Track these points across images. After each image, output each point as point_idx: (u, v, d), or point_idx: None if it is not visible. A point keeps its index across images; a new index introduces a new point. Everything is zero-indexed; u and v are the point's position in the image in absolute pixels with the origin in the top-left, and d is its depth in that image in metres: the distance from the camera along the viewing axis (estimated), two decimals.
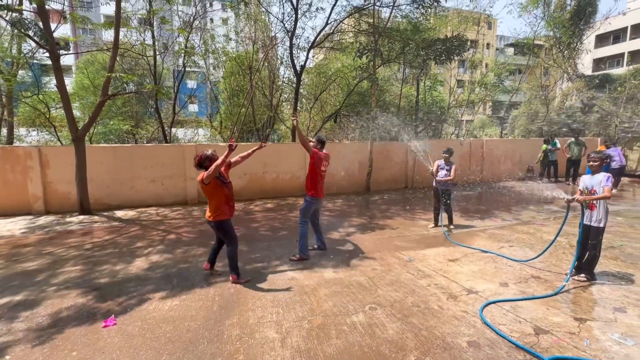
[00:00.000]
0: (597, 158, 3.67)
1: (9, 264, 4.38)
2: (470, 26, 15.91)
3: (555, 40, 14.59)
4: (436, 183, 5.78)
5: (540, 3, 13.72)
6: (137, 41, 9.44)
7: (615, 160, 9.86)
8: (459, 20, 15.15)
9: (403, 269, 4.08)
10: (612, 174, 10.27)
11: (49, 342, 2.60)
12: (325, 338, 2.63)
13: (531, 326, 2.78)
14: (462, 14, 15.54)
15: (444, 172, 5.73)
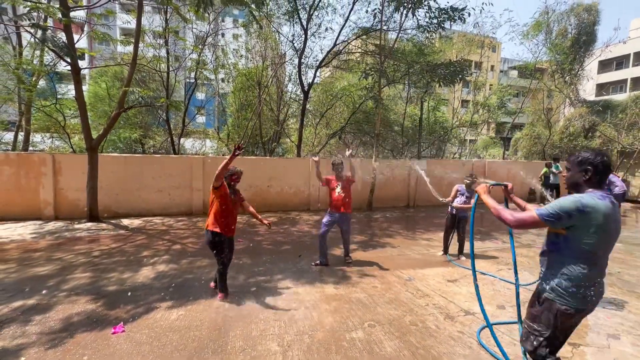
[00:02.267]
0: None
1: (21, 267, 4.53)
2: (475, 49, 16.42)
3: (557, 65, 14.96)
4: (452, 208, 5.34)
5: (543, 30, 14.16)
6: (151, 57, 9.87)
7: (617, 185, 9.98)
8: (464, 43, 15.64)
9: (402, 288, 4.18)
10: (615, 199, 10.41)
11: (61, 346, 2.73)
12: (325, 353, 2.73)
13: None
14: (467, 37, 16.06)
15: (463, 199, 5.24)
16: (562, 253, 1.81)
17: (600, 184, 1.80)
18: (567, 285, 1.77)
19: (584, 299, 1.76)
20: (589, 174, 1.79)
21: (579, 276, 1.75)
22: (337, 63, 11.87)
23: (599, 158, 1.79)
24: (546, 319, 1.84)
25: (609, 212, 1.70)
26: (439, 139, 14.03)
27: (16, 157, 7.63)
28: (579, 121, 14.26)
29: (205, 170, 8.87)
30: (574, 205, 1.69)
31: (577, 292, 1.75)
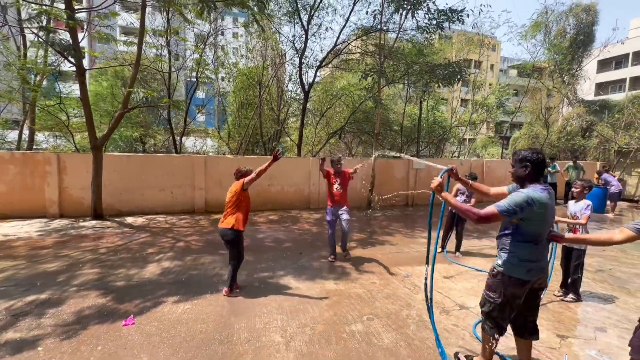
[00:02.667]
0: (578, 185, 3.97)
1: (31, 264, 4.68)
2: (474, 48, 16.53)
3: (555, 65, 15.09)
4: (451, 208, 5.57)
5: (541, 30, 14.28)
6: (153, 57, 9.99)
7: (613, 185, 10.18)
8: (464, 42, 15.74)
9: (400, 284, 4.34)
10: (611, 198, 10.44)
11: (76, 337, 2.88)
12: (326, 344, 2.88)
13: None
14: (467, 36, 16.16)
15: (463, 198, 5.39)
16: (513, 236, 2.19)
17: (538, 178, 2.16)
18: (516, 262, 2.17)
19: (529, 272, 2.16)
20: (528, 169, 2.15)
21: (526, 254, 2.15)
22: (337, 63, 11.98)
23: (535, 155, 2.16)
24: (499, 288, 2.23)
25: (548, 202, 2.09)
26: (438, 138, 14.17)
27: (21, 156, 7.76)
28: (576, 121, 14.40)
29: (207, 169, 9.01)
30: (524, 200, 2.03)
31: (524, 266, 2.15)
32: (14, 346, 2.72)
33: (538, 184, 2.14)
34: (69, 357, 2.59)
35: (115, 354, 2.65)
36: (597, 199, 10.27)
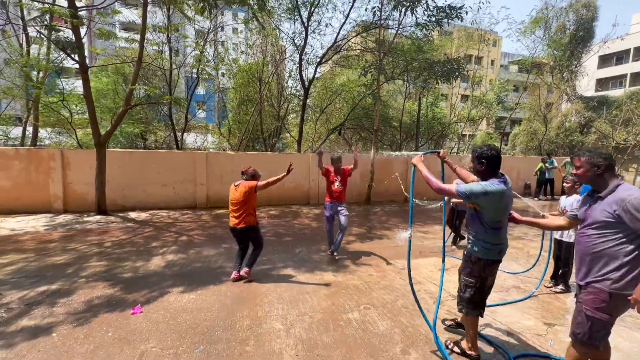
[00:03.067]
0: (569, 180, 4.10)
1: (39, 257, 4.84)
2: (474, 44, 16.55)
3: (554, 61, 15.14)
4: (453, 203, 5.56)
5: (541, 26, 14.30)
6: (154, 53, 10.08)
7: None
8: (464, 38, 15.75)
9: (397, 276, 4.50)
10: None
11: (87, 324, 3.04)
12: (324, 330, 3.05)
13: (505, 328, 3.19)
14: (467, 31, 16.17)
15: None
16: (479, 224, 2.49)
17: (494, 172, 2.42)
18: (489, 246, 2.46)
19: (500, 253, 2.50)
20: (484, 166, 2.42)
21: (495, 239, 2.46)
22: (337, 59, 12.05)
23: (490, 152, 2.41)
24: (476, 270, 2.52)
25: (505, 192, 2.37)
26: (437, 134, 14.28)
27: (26, 153, 7.91)
28: (575, 117, 14.48)
29: (208, 165, 9.16)
30: (480, 190, 2.34)
31: (496, 249, 2.47)
32: (30, 332, 2.89)
33: (495, 178, 2.40)
34: (82, 342, 2.76)
35: (125, 339, 2.82)
36: None
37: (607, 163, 2.04)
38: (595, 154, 2.09)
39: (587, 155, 2.10)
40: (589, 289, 2.06)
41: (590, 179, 2.09)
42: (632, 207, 1.86)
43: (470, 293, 2.56)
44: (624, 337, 3.07)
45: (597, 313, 2.00)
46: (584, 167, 2.10)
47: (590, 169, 2.07)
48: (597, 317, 2.01)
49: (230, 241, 5.90)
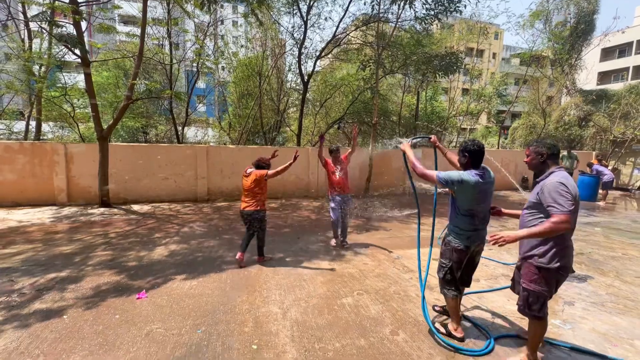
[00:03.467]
0: None
1: (47, 247, 5.04)
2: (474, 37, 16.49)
3: (555, 54, 15.12)
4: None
5: (542, 19, 14.26)
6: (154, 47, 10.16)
7: (606, 174, 10.44)
8: (466, 29, 15.67)
9: (391, 265, 4.68)
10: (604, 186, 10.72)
11: (95, 308, 3.23)
12: (318, 313, 3.23)
13: (490, 312, 3.37)
14: (468, 23, 16.10)
15: None
16: (453, 209, 2.71)
17: (475, 164, 2.61)
18: (459, 231, 2.67)
19: (468, 239, 2.65)
20: (466, 158, 2.63)
21: (465, 225, 2.64)
22: (336, 53, 12.09)
23: (472, 146, 2.60)
24: (448, 254, 2.74)
25: (478, 184, 2.53)
26: (436, 127, 14.35)
27: (30, 146, 8.06)
28: (574, 111, 14.53)
29: (209, 158, 9.31)
30: (457, 178, 2.55)
31: (465, 235, 2.64)
32: (42, 315, 3.08)
33: (474, 170, 2.61)
34: (91, 324, 2.95)
35: (132, 321, 3.01)
36: (589, 188, 10.57)
37: (550, 152, 2.32)
38: (541, 144, 2.36)
39: (534, 145, 2.38)
40: (525, 264, 2.39)
41: (535, 166, 2.40)
42: (546, 189, 2.18)
43: (442, 273, 2.81)
44: (603, 320, 3.25)
45: (531, 285, 2.35)
46: (531, 156, 2.40)
47: (535, 157, 2.36)
48: (531, 289, 2.35)
49: (231, 232, 6.09)
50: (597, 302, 3.63)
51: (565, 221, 2.07)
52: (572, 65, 15.06)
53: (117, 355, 2.51)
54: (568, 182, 2.17)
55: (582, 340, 2.88)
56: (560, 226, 2.07)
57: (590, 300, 3.70)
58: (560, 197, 2.11)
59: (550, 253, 2.26)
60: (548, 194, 2.16)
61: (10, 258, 4.54)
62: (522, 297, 2.45)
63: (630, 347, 2.81)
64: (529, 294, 2.37)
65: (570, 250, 2.33)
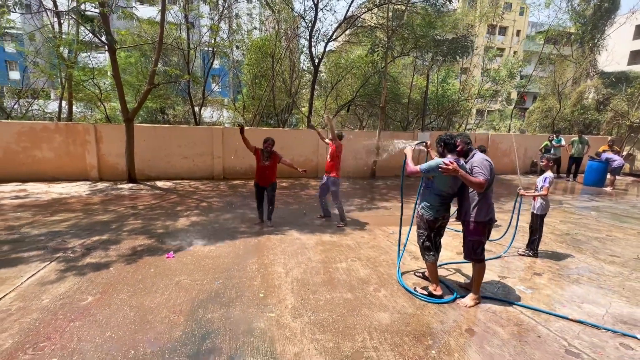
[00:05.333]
0: (545, 159, 4.61)
1: (87, 215, 5.87)
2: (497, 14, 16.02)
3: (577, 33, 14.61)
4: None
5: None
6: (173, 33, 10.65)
7: (615, 160, 10.45)
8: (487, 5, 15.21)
9: (385, 238, 5.25)
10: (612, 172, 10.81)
11: (134, 263, 3.98)
12: (316, 274, 3.87)
13: (464, 278, 3.91)
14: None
15: None
16: (429, 189, 3.29)
17: (451, 152, 3.17)
18: (429, 206, 3.27)
19: (437, 212, 3.25)
20: (441, 147, 3.24)
21: (435, 202, 3.24)
22: (347, 36, 12.23)
23: (446, 139, 3.19)
24: (423, 225, 3.34)
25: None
26: (447, 111, 14.41)
27: (64, 127, 8.91)
28: (593, 94, 14.21)
29: (224, 139, 9.95)
30: (435, 164, 3.05)
31: (434, 209, 3.24)
32: (93, 267, 3.85)
33: (451, 156, 3.13)
34: (133, 274, 3.69)
35: (164, 274, 3.73)
36: (597, 173, 10.64)
37: (470, 141, 3.31)
38: (464, 136, 3.25)
39: (460, 138, 3.20)
40: (465, 222, 3.21)
41: (463, 153, 3.23)
42: (470, 164, 3.15)
43: (421, 241, 3.37)
44: (562, 288, 3.73)
45: (471, 236, 3.23)
46: (461, 145, 3.24)
47: (464, 146, 3.23)
48: (471, 238, 3.24)
49: (244, 207, 6.79)
50: (563, 275, 4.10)
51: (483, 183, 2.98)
52: (595, 45, 14.55)
53: (155, 296, 3.23)
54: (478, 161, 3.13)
55: (536, 302, 3.39)
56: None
57: (559, 272, 4.17)
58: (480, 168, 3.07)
59: (477, 210, 3.15)
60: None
61: (58, 224, 5.38)
62: (465, 246, 3.33)
63: (578, 308, 3.31)
64: (472, 243, 3.25)
65: (492, 206, 3.22)
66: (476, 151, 3.27)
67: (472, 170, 3.08)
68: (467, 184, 3.06)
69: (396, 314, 3.08)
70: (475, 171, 3.05)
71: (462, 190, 3.27)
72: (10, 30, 10.88)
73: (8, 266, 3.79)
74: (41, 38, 10.38)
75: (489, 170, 3.05)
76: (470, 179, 3.00)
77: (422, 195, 3.36)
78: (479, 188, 3.00)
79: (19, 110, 11.52)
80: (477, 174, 3.02)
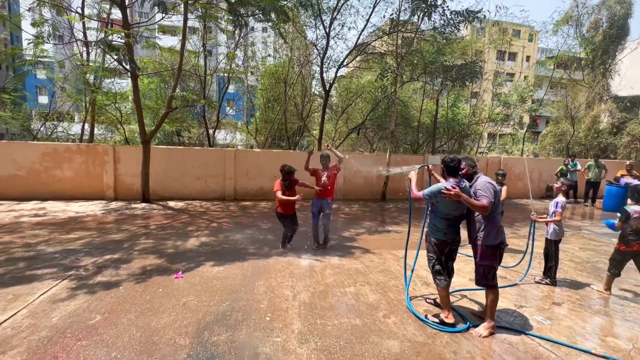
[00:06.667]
0: (559, 183, 4.53)
1: (101, 234, 5.99)
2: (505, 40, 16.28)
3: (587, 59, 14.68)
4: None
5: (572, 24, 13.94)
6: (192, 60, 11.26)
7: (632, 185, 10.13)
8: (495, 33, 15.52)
9: (395, 263, 5.14)
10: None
11: (144, 282, 4.00)
12: (323, 298, 3.79)
13: (478, 306, 3.76)
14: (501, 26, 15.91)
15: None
16: (434, 213, 3.28)
17: (453, 175, 3.14)
18: (436, 229, 3.25)
19: (445, 234, 3.22)
20: (443, 170, 3.24)
21: (442, 225, 3.21)
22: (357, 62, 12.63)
23: (448, 161, 3.16)
24: (431, 248, 3.31)
25: None
26: (458, 134, 14.42)
27: (86, 148, 9.30)
28: (608, 118, 14.03)
29: (237, 161, 10.16)
30: (436, 189, 3.08)
31: (441, 232, 3.22)
32: (104, 285, 3.89)
33: (453, 179, 3.11)
34: (141, 294, 3.70)
35: (171, 294, 3.73)
36: (617, 198, 10.29)
37: (475, 164, 3.32)
38: (469, 160, 3.25)
39: (465, 161, 3.20)
40: (475, 245, 3.13)
41: (468, 176, 3.21)
42: (474, 187, 3.14)
43: (432, 265, 3.32)
44: (584, 319, 3.54)
45: (482, 261, 3.14)
46: (466, 168, 3.24)
47: (469, 169, 3.22)
48: (481, 263, 3.15)
49: (254, 228, 6.81)
50: (584, 305, 3.90)
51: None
52: (606, 70, 14.54)
53: (162, 317, 3.22)
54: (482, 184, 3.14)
55: (556, 334, 3.22)
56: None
57: (580, 302, 3.97)
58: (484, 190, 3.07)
59: (486, 234, 3.09)
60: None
61: (74, 242, 5.50)
62: (476, 272, 3.24)
63: (602, 341, 3.12)
64: (483, 269, 3.16)
65: (502, 230, 3.16)
66: (480, 174, 3.27)
67: (476, 193, 3.09)
68: (471, 207, 3.06)
69: (406, 342, 2.96)
70: (479, 194, 3.05)
71: (468, 213, 3.24)
72: (43, 59, 11.72)
73: (22, 283, 3.87)
74: (70, 65, 11.12)
75: (492, 192, 3.04)
76: (473, 202, 3.00)
77: (429, 218, 3.36)
78: (483, 211, 2.99)
79: (44, 132, 12.16)
80: (480, 197, 3.02)
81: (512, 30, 16.31)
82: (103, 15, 9.75)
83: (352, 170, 10.47)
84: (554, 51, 17.25)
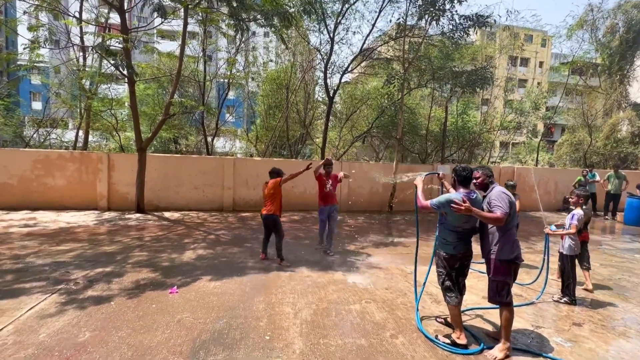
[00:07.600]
0: (574, 196, 4.50)
1: (93, 246, 6.00)
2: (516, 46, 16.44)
3: (604, 65, 14.75)
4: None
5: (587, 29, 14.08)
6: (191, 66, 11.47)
7: None
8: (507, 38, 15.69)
9: (402, 278, 5.08)
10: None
11: (136, 298, 3.98)
12: (327, 316, 3.75)
13: (492, 326, 3.70)
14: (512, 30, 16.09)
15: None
16: (444, 226, 3.24)
17: (464, 185, 3.18)
18: (445, 242, 3.22)
19: (454, 248, 3.18)
20: (454, 179, 3.27)
21: (451, 238, 3.18)
22: (363, 68, 12.78)
23: (460, 171, 3.19)
24: (441, 263, 3.27)
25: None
26: (468, 143, 14.43)
27: (79, 155, 9.41)
28: (627, 126, 14.00)
29: (236, 170, 10.21)
30: (445, 200, 3.08)
31: (451, 245, 3.18)
32: (94, 300, 3.87)
33: (464, 190, 3.14)
34: (134, 310, 3.68)
35: (165, 310, 3.70)
36: (639, 211, 10.18)
37: (492, 174, 3.28)
38: (486, 169, 3.24)
39: (482, 170, 3.19)
40: (488, 260, 3.08)
41: (483, 185, 3.20)
42: (488, 198, 3.10)
43: (442, 281, 3.28)
44: (607, 342, 3.46)
45: (495, 276, 3.09)
46: (482, 177, 3.23)
47: (485, 178, 3.19)
48: (495, 279, 3.10)
49: (253, 241, 6.79)
50: (607, 326, 3.82)
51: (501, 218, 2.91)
52: (624, 76, 14.59)
53: (155, 334, 3.19)
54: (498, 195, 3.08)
55: (577, 357, 3.14)
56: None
57: (602, 323, 3.88)
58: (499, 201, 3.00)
59: (500, 247, 3.04)
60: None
61: (64, 254, 5.51)
62: (490, 288, 3.19)
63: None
64: (496, 284, 3.10)
65: (517, 243, 3.10)
66: (496, 184, 3.23)
67: (490, 204, 3.04)
68: (484, 221, 3.04)
69: None
70: (493, 205, 2.99)
71: (481, 225, 3.21)
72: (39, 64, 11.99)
73: (9, 297, 3.87)
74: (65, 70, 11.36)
75: (508, 203, 2.96)
76: (485, 215, 2.97)
77: (438, 230, 3.32)
78: (497, 223, 2.94)
79: (37, 139, 12.34)
80: (494, 208, 2.96)
81: (524, 35, 16.47)
82: (101, 19, 10.02)
83: (357, 181, 10.47)
84: (569, 57, 17.40)
